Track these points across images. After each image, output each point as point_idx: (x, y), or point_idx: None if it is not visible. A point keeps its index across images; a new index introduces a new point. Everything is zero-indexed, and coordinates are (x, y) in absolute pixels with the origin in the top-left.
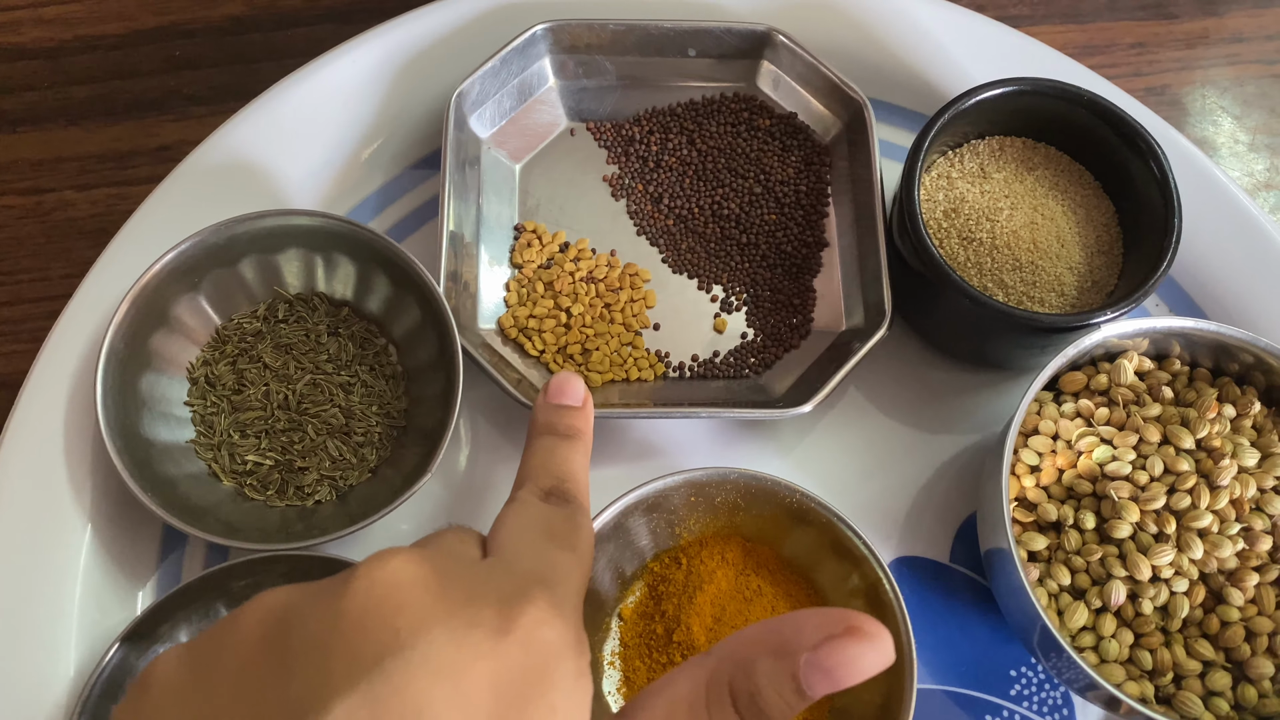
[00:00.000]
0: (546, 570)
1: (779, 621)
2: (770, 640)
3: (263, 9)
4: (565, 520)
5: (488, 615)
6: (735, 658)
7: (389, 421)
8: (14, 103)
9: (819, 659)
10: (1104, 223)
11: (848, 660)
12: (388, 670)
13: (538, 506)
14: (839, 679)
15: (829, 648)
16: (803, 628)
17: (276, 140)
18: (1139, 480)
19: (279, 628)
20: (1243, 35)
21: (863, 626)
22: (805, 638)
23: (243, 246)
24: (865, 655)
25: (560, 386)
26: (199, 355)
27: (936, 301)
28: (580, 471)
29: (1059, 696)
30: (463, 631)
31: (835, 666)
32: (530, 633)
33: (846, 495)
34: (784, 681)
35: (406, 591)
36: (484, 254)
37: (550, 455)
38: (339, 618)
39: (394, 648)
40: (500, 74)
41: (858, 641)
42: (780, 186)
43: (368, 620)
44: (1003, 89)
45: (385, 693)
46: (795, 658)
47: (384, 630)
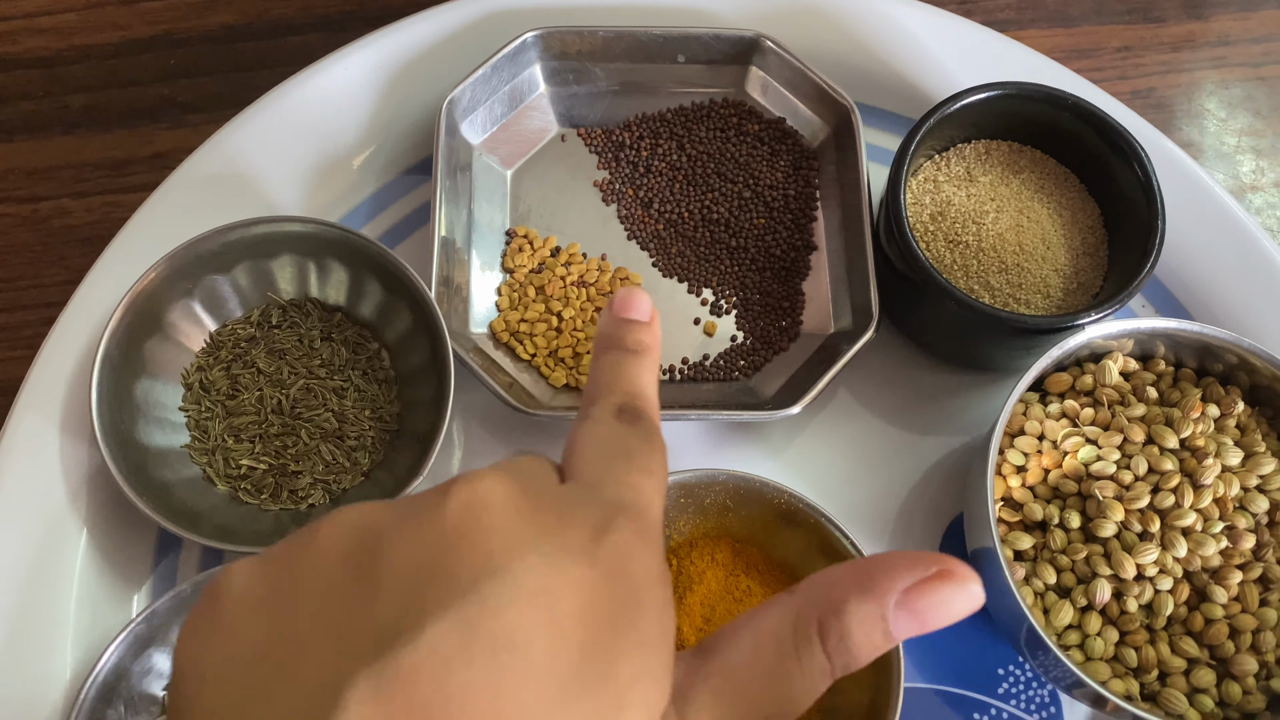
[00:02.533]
0: (629, 497)
1: (868, 562)
2: (860, 580)
3: (256, 18)
4: (642, 440)
5: (578, 542)
6: (824, 597)
7: (382, 425)
8: (10, 112)
9: (910, 601)
10: (1089, 225)
11: (938, 603)
12: (482, 593)
13: (611, 425)
14: (928, 622)
15: (920, 590)
16: (893, 569)
17: (270, 147)
18: (1123, 480)
19: (365, 547)
20: (1229, 38)
21: (953, 569)
22: (896, 580)
23: (236, 253)
24: (956, 599)
25: (626, 301)
26: (193, 361)
27: (923, 304)
28: (650, 388)
29: (1046, 694)
30: (555, 557)
31: (925, 609)
32: (619, 563)
33: (836, 496)
34: (873, 624)
35: (498, 513)
36: (476, 259)
37: (619, 371)
38: (431, 539)
39: (488, 571)
40: (491, 81)
41: (949, 584)
42: (769, 191)
43: (461, 542)
44: (988, 93)
45: (480, 616)
46: (885, 599)
47: (477, 553)
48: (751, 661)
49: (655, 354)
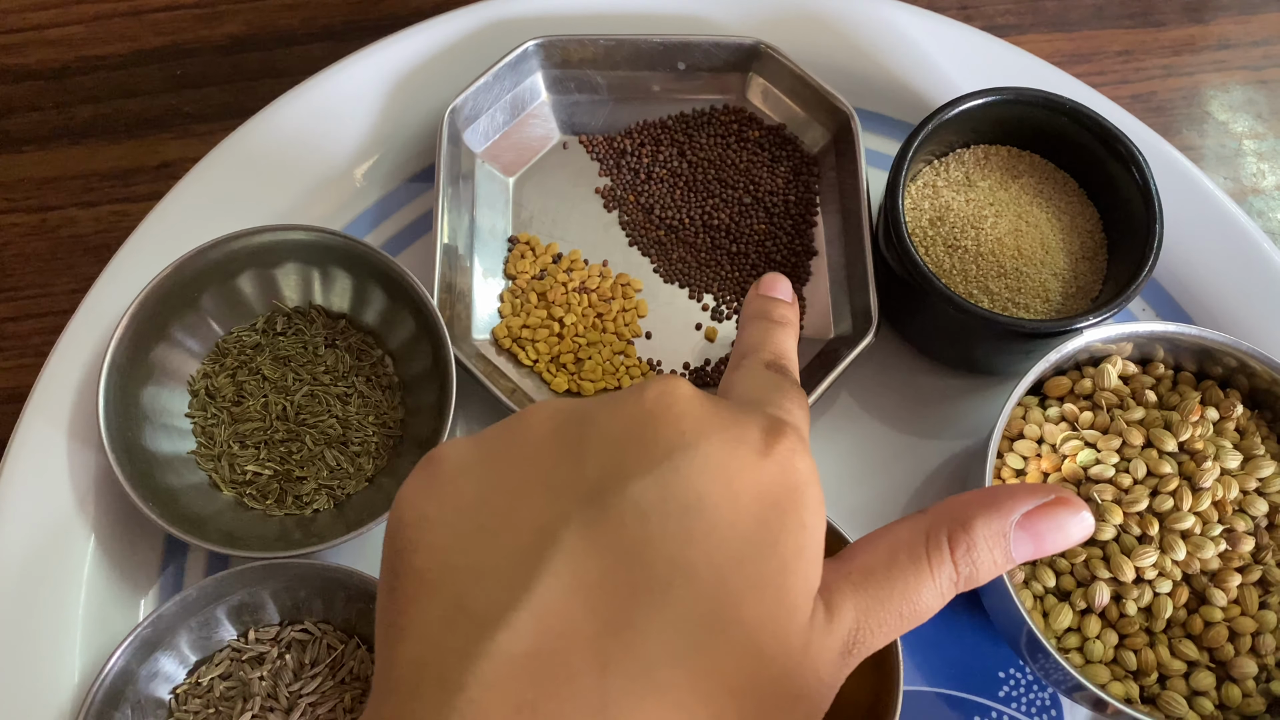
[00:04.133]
0: (788, 415)
1: (995, 489)
2: (987, 501)
3: (261, 28)
4: (792, 385)
5: (753, 437)
6: (955, 513)
7: (385, 431)
8: (19, 122)
9: (1031, 524)
10: (1088, 229)
11: (1056, 526)
12: (676, 462)
13: (764, 373)
14: (1045, 545)
15: (1040, 513)
16: (1016, 494)
17: (275, 156)
18: (1122, 483)
19: (572, 424)
20: (1229, 42)
21: (1069, 497)
22: (1019, 502)
23: (242, 261)
24: (1072, 523)
25: (771, 283)
26: (199, 368)
27: (923, 308)
28: (793, 353)
29: (1047, 698)
30: (734, 444)
31: (1044, 531)
32: (786, 458)
33: (836, 500)
34: (997, 540)
35: (689, 403)
36: (478, 266)
37: (767, 334)
38: (632, 417)
39: (680, 445)
40: (493, 89)
41: (1065, 509)
42: (769, 197)
43: (659, 421)
44: (986, 99)
45: (673, 480)
46: (1008, 518)
47: (672, 430)
48: (888, 564)
49: (796, 328)
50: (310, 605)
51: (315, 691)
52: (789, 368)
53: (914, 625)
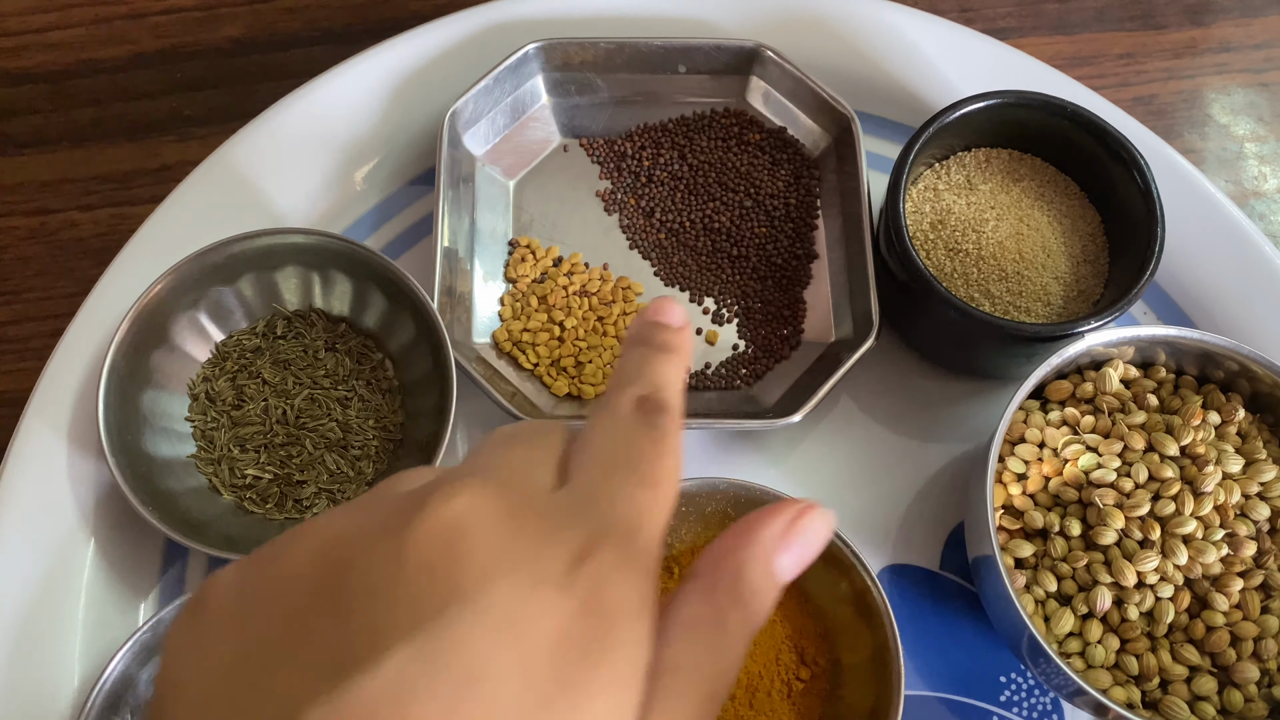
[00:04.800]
0: (623, 514)
1: (744, 523)
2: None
3: (261, 31)
4: (653, 444)
5: (555, 569)
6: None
7: (385, 435)
8: (19, 125)
9: (788, 543)
10: (1089, 232)
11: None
12: (448, 620)
13: (626, 421)
14: (805, 556)
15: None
16: (766, 524)
17: (275, 159)
18: (1124, 487)
19: (335, 566)
20: (1230, 45)
21: (810, 504)
22: (774, 527)
23: (242, 265)
24: (820, 526)
25: (658, 307)
26: (199, 371)
27: (924, 312)
28: (676, 383)
29: (1048, 702)
30: (528, 587)
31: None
32: (597, 592)
33: (837, 504)
34: (769, 575)
35: (472, 537)
36: (478, 269)
37: (645, 362)
38: (402, 562)
39: (456, 598)
40: (493, 92)
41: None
42: (770, 200)
43: (432, 567)
44: (987, 102)
45: (444, 646)
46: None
47: (446, 580)
48: (688, 651)
49: (684, 355)
50: None
51: None
52: (667, 403)
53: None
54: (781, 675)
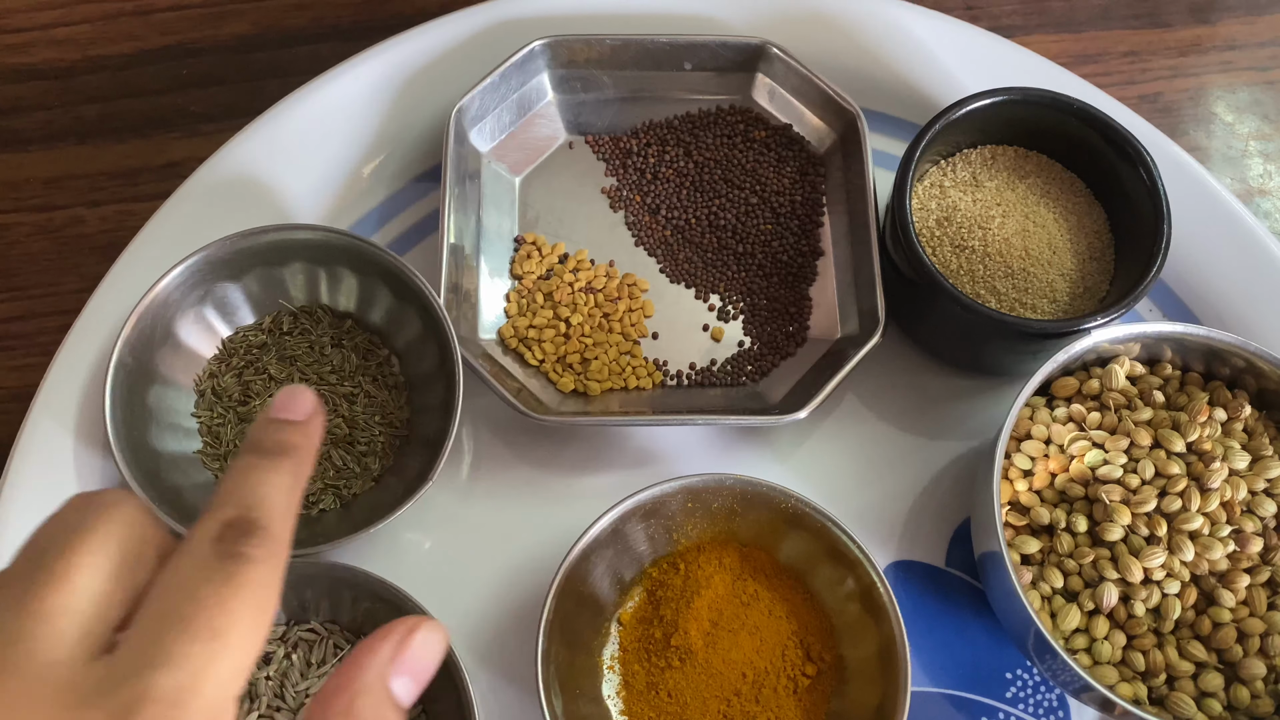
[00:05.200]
0: (164, 680)
1: (350, 660)
2: (353, 676)
3: (268, 28)
4: (222, 584)
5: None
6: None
7: (392, 431)
8: (26, 122)
9: (401, 667)
10: (1095, 229)
11: (421, 653)
12: None
13: (196, 559)
14: (421, 674)
15: (402, 653)
16: (374, 650)
17: (281, 156)
18: (1130, 483)
19: None
20: (1235, 43)
21: (416, 622)
22: (381, 656)
23: (248, 260)
24: (430, 640)
25: (283, 400)
26: (205, 367)
27: (930, 309)
28: (278, 495)
29: (1054, 699)
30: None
31: (414, 662)
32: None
33: (843, 500)
34: (383, 703)
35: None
36: (484, 266)
37: (244, 477)
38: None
39: None
40: (500, 89)
41: (419, 633)
42: (776, 197)
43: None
44: (993, 99)
45: None
46: (381, 680)
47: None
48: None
49: (301, 457)
50: (316, 605)
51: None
52: (255, 525)
53: None
54: (787, 671)
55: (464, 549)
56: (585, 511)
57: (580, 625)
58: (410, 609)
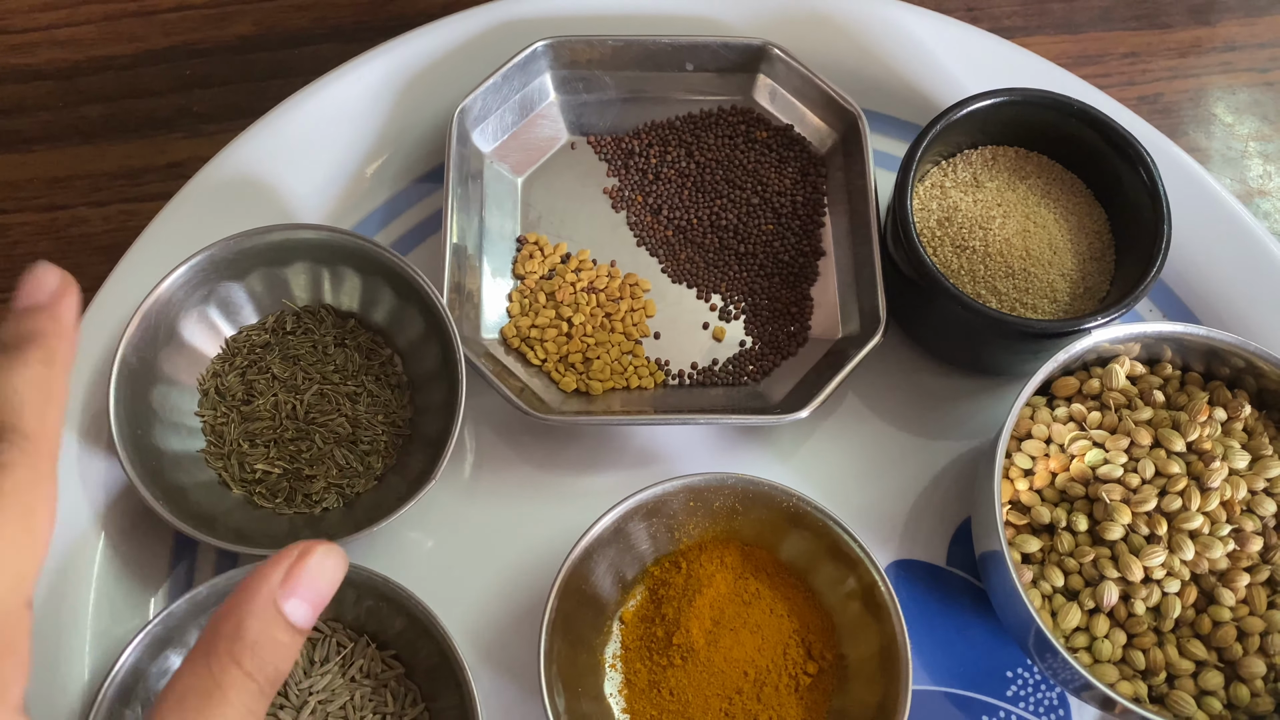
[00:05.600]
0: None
1: (243, 582)
2: (244, 596)
3: (270, 29)
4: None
5: None
6: (223, 628)
7: (394, 430)
8: (29, 122)
9: (292, 584)
10: (1096, 230)
11: (313, 575)
12: None
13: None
14: (315, 595)
15: (294, 571)
16: (262, 573)
17: (284, 156)
18: (1130, 483)
19: None
20: (1235, 44)
21: (309, 546)
22: (270, 577)
23: (251, 260)
24: (324, 561)
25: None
26: (209, 366)
27: (931, 309)
28: (26, 389)
29: (1055, 697)
30: None
31: (305, 584)
32: None
33: (845, 500)
34: (272, 623)
35: None
36: (487, 266)
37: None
38: None
39: None
40: (502, 90)
41: (311, 555)
42: (777, 197)
43: None
44: (994, 99)
45: None
46: (270, 598)
47: None
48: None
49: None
50: None
51: (325, 689)
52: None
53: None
54: (789, 670)
55: (466, 548)
56: (587, 510)
57: (582, 623)
58: (412, 607)
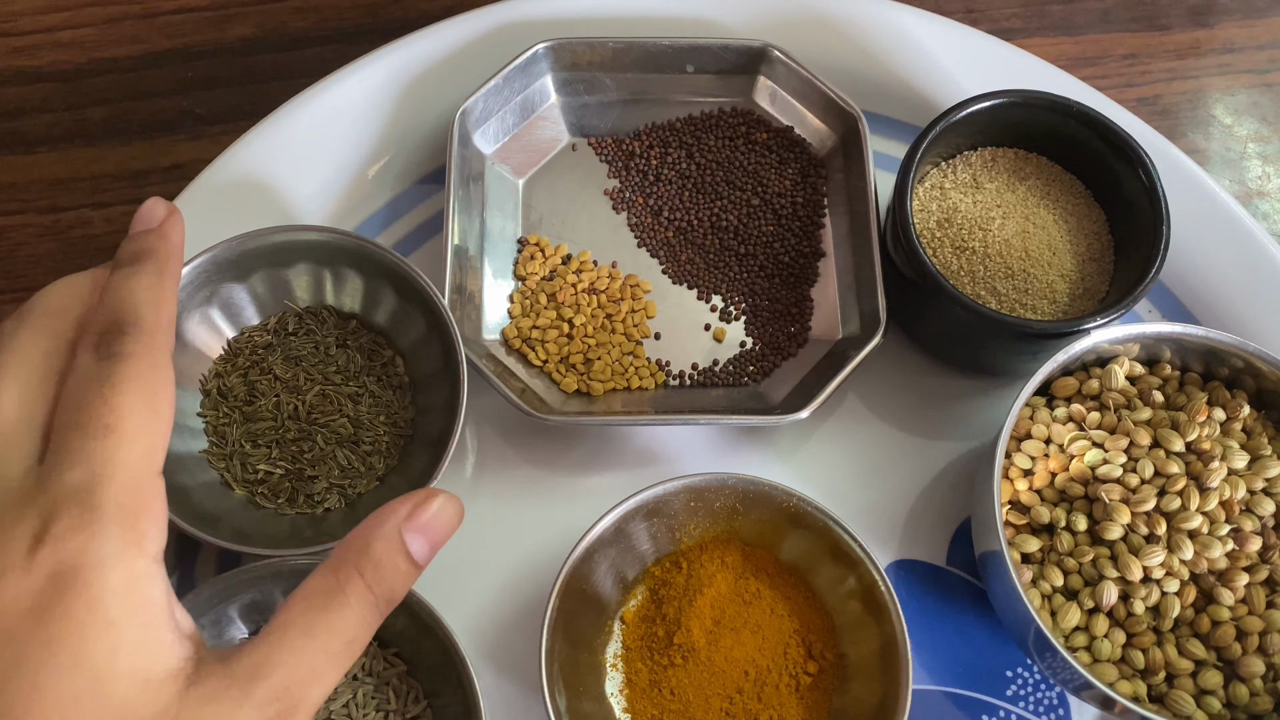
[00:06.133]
0: (73, 477)
1: (378, 511)
2: (376, 521)
3: (272, 30)
4: (101, 385)
5: (15, 558)
6: (354, 544)
7: (396, 431)
8: (32, 124)
9: (415, 521)
10: (1095, 231)
11: (434, 516)
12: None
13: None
14: (434, 536)
15: (419, 510)
16: (394, 506)
17: (286, 158)
18: (1130, 483)
19: None
20: (1234, 45)
21: (435, 491)
22: (399, 511)
23: (254, 261)
24: (446, 509)
25: (137, 217)
26: (211, 367)
27: (931, 309)
28: (143, 293)
29: (1054, 696)
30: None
31: (427, 524)
32: (61, 560)
33: (845, 500)
34: (395, 550)
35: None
36: (488, 267)
37: (110, 291)
38: None
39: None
40: (503, 92)
41: (436, 499)
42: (777, 198)
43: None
44: (993, 101)
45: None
46: (396, 528)
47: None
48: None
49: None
50: None
51: None
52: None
53: (352, 658)
54: (789, 669)
55: (468, 548)
56: (588, 510)
57: (583, 623)
58: (414, 604)
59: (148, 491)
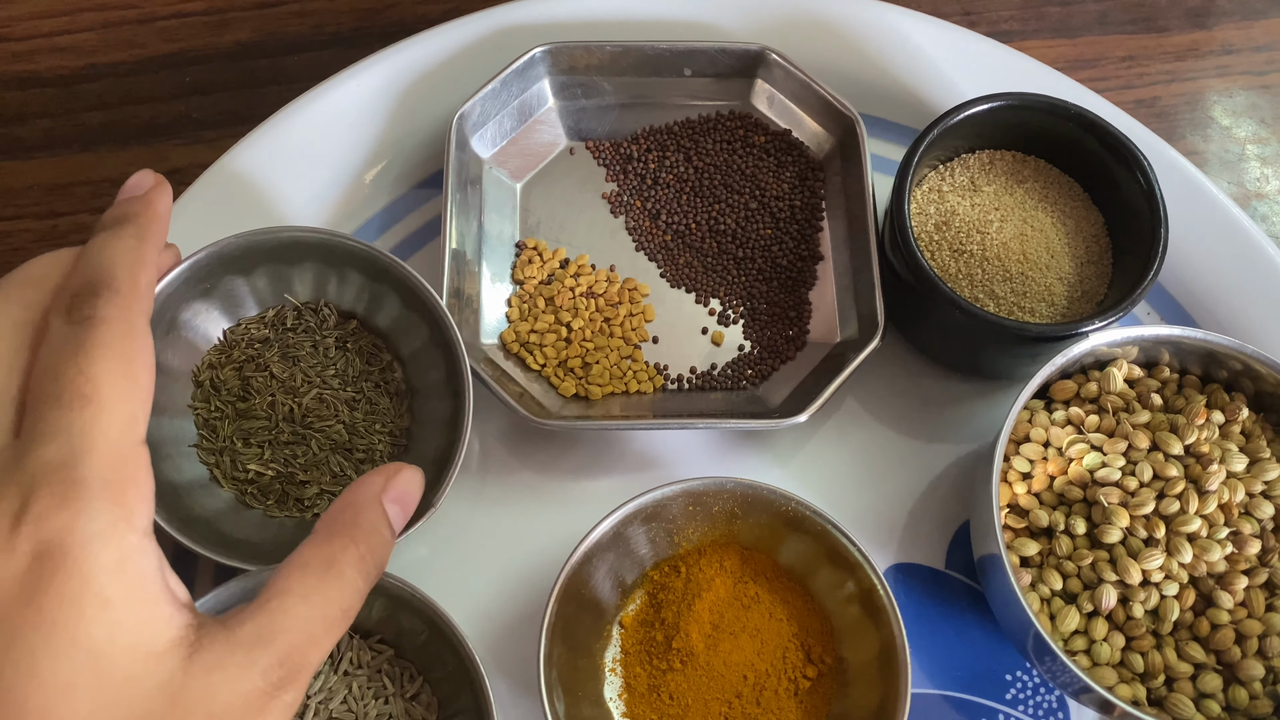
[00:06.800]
0: (52, 451)
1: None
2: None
3: (270, 35)
4: (74, 353)
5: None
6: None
7: (391, 440)
8: (29, 129)
9: (390, 495)
10: (1093, 233)
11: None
12: None
13: (58, 331)
14: (407, 506)
15: (393, 483)
16: (372, 478)
17: (283, 162)
18: (1128, 486)
19: None
20: (1232, 47)
21: (401, 464)
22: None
23: (258, 257)
24: (414, 479)
25: (125, 186)
26: (205, 358)
27: (929, 313)
28: (121, 256)
29: (1054, 700)
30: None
31: (402, 495)
32: (43, 537)
33: (843, 503)
34: (381, 520)
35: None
36: (486, 271)
37: (87, 253)
38: None
39: None
40: (500, 95)
41: (405, 472)
42: (775, 202)
43: None
44: (991, 104)
45: None
46: (378, 495)
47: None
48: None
49: (143, 221)
50: None
51: (321, 689)
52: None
53: (346, 626)
54: (788, 673)
55: (465, 552)
56: (587, 515)
57: (582, 628)
58: (416, 604)
59: (132, 464)
